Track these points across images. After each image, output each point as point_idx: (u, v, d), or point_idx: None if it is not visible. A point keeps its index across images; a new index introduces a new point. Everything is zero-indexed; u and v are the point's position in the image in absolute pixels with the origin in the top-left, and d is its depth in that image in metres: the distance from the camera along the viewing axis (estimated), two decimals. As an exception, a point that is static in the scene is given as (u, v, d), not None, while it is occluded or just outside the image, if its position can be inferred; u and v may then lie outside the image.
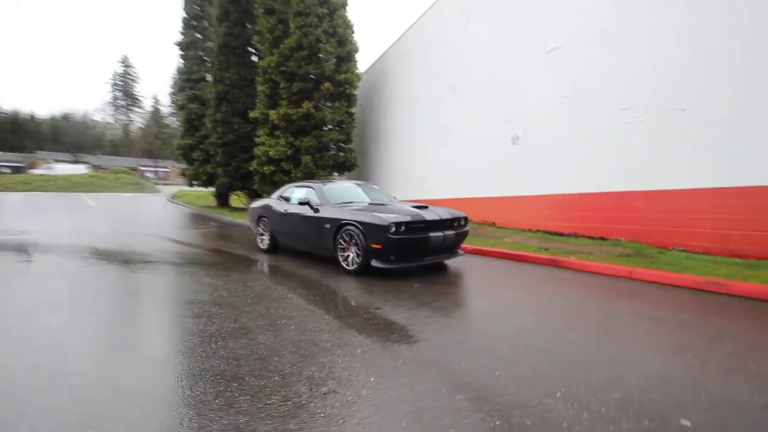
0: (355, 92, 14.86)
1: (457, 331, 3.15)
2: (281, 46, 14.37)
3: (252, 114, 15.10)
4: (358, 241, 5.11)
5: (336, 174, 15.64)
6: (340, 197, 6.28)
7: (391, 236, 4.88)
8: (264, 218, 7.35)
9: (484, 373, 2.39)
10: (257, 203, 7.98)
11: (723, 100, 5.53)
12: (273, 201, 7.32)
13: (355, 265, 5.20)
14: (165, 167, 60.30)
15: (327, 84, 13.93)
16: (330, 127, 14.76)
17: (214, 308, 3.66)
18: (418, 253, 5.15)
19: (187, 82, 19.71)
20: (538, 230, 8.46)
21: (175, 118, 65.94)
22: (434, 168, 12.16)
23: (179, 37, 19.93)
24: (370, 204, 6.05)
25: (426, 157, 12.70)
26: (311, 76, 14.13)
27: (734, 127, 5.44)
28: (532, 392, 2.18)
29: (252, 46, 17.06)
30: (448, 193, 10.97)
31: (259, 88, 14.99)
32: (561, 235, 7.91)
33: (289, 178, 14.35)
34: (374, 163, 16.55)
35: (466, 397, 2.14)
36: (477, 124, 10.33)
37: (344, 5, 14.91)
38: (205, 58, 19.88)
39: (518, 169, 9.08)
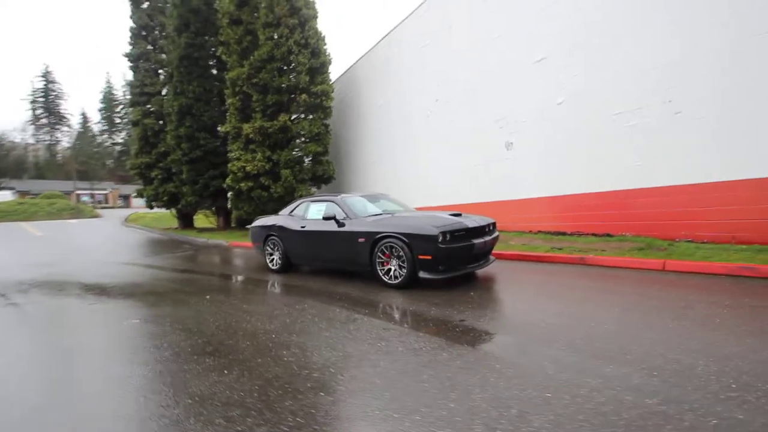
0: (331, 104, 14.65)
1: (572, 334, 3.09)
2: (251, 57, 13.87)
3: (222, 128, 14.35)
4: (403, 253, 4.94)
5: (314, 188, 15.24)
6: (365, 210, 6.07)
7: (440, 246, 4.78)
8: (273, 237, 6.92)
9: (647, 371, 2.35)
10: (261, 222, 7.51)
11: (714, 102, 6.08)
12: (283, 219, 6.92)
13: (399, 278, 5.01)
14: (103, 189, 55.50)
15: (303, 96, 13.62)
16: (306, 139, 14.39)
17: (294, 337, 3.32)
18: (462, 261, 5.08)
19: (140, 96, 18.31)
20: (539, 231, 8.75)
21: (106, 136, 61.05)
22: (422, 176, 12.23)
23: (127, 48, 18.58)
24: (399, 214, 5.91)
25: (412, 166, 12.74)
26: (285, 88, 13.74)
27: (725, 126, 5.99)
28: (701, 387, 2.16)
29: (216, 57, 16.28)
30: (438, 200, 11.05)
31: (229, 101, 14.30)
32: (564, 234, 8.23)
33: (268, 193, 13.78)
34: (350, 173, 16.36)
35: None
36: (467, 131, 10.55)
37: (315, 16, 14.74)
38: (159, 70, 18.63)
39: (513, 173, 9.37)
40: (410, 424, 1.95)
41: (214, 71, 16.84)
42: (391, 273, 5.14)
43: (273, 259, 7.02)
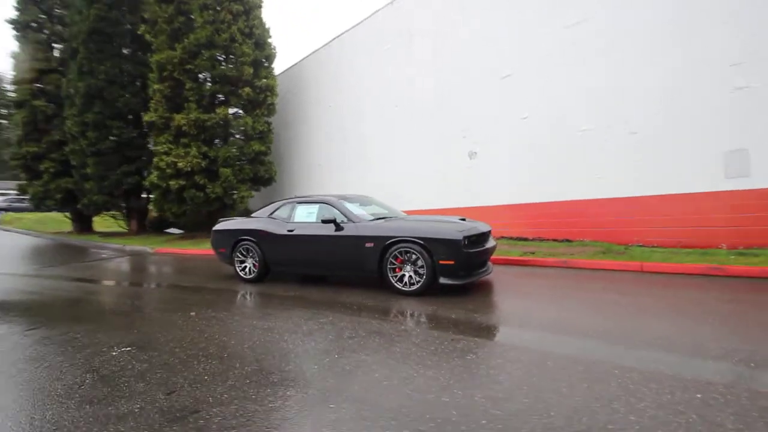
0: (276, 100, 13.72)
1: (627, 333, 3.15)
2: (185, 41, 12.35)
3: (146, 117, 12.43)
4: (421, 259, 4.68)
5: (253, 190, 14.04)
6: (363, 213, 5.66)
7: (464, 250, 4.63)
8: (246, 242, 6.08)
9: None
10: (228, 225, 6.56)
11: (667, 125, 7.00)
12: (262, 222, 6.12)
13: (416, 285, 4.72)
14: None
15: (247, 89, 12.53)
16: (242, 137, 13.19)
17: (363, 356, 2.84)
18: (477, 267, 5.01)
19: (28, 72, 15.01)
20: (502, 237, 9.16)
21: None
22: (378, 181, 12.02)
23: (13, 14, 15.12)
24: (405, 219, 5.63)
25: (366, 170, 12.46)
26: (226, 79, 12.45)
27: (675, 147, 6.95)
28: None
29: (135, 36, 14.09)
30: (398, 206, 10.97)
31: (155, 86, 12.51)
32: (526, 240, 8.74)
33: (204, 194, 12.27)
34: (292, 176, 15.48)
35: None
36: (429, 138, 10.67)
37: (260, 6, 13.76)
38: (55, 44, 15.51)
39: (476, 182, 9.71)
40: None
41: (131, 51, 14.59)
42: (405, 279, 4.84)
43: (245, 266, 6.16)
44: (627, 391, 2.22)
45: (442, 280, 4.65)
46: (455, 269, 4.66)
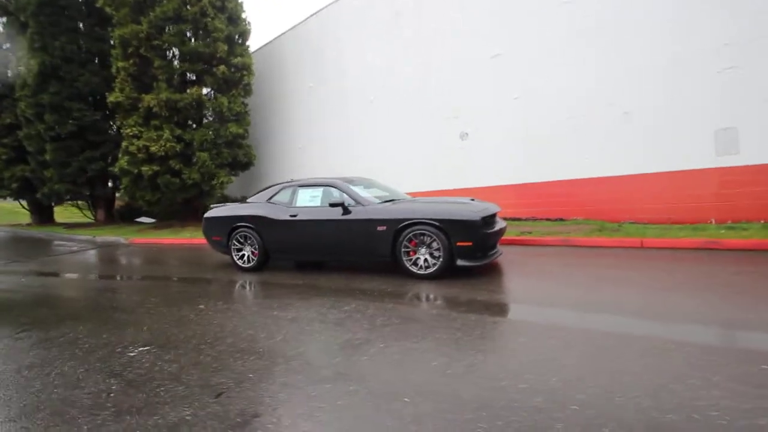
0: (252, 80, 13.04)
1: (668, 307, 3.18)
2: (151, 14, 11.41)
3: (111, 97, 11.48)
4: (438, 241, 4.56)
5: (232, 175, 13.40)
6: (370, 195, 5.45)
7: (482, 231, 4.56)
8: (244, 229, 5.75)
9: None
10: (222, 212, 6.17)
11: (657, 106, 7.15)
12: (260, 207, 5.79)
13: (432, 268, 4.61)
14: None
15: (222, 67, 11.82)
16: (216, 118, 12.47)
17: (446, 348, 2.69)
18: (491, 247, 4.96)
19: (-33, 46, 13.45)
20: (494, 218, 9.22)
21: None
22: (364, 164, 11.73)
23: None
24: (415, 201, 5.49)
25: (350, 153, 12.14)
26: (198, 56, 11.65)
27: (665, 127, 7.12)
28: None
29: (93, 8, 12.85)
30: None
31: (119, 64, 11.56)
32: (520, 220, 8.82)
33: (180, 180, 11.57)
34: (271, 160, 14.89)
35: None
36: (417, 119, 10.47)
37: (231, -23, 12.83)
38: (-2, 17, 13.95)
39: (468, 163, 9.66)
40: None
41: (88, 25, 13.33)
42: (420, 263, 4.72)
43: (243, 255, 5.84)
44: (693, 366, 2.21)
45: (460, 262, 4.56)
46: (473, 250, 4.57)
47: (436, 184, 10.14)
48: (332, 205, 5.11)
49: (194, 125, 12.22)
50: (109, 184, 13.97)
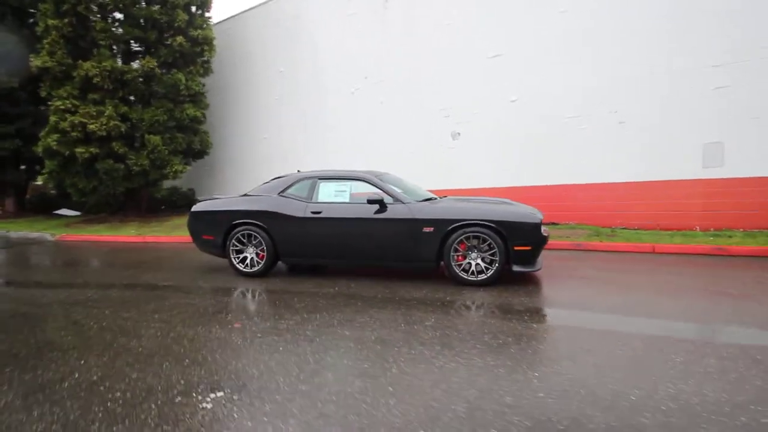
0: (213, 56, 11.61)
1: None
2: (92, -35, 9.53)
3: (37, 61, 9.37)
4: (494, 245, 4.14)
5: (184, 164, 11.80)
6: (407, 192, 4.86)
7: (541, 235, 4.23)
8: (250, 227, 4.82)
9: None
10: (216, 205, 5.15)
11: (652, 115, 7.48)
12: (272, 201, 4.88)
13: (486, 274, 4.18)
14: None
15: (180, 39, 10.33)
16: (170, 98, 10.86)
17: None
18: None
19: None
20: (485, 220, 9.09)
21: None
22: (341, 160, 11.00)
23: None
24: (458, 200, 5.02)
25: (326, 147, 11.30)
26: (152, 23, 10.01)
27: (658, 137, 7.47)
28: None
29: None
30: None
31: (50, 22, 9.55)
32: (511, 222, 8.79)
33: (124, 166, 9.81)
34: (230, 149, 13.44)
35: None
36: (404, 115, 9.99)
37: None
38: None
39: (459, 163, 9.42)
40: None
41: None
42: (472, 268, 4.26)
43: (246, 257, 4.91)
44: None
45: (516, 268, 4.19)
46: (530, 255, 4.23)
47: (426, 183, 9.72)
48: (371, 201, 4.44)
49: (143, 103, 10.48)
50: (22, 167, 11.48)
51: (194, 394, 2.01)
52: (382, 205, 4.46)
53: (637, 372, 2.23)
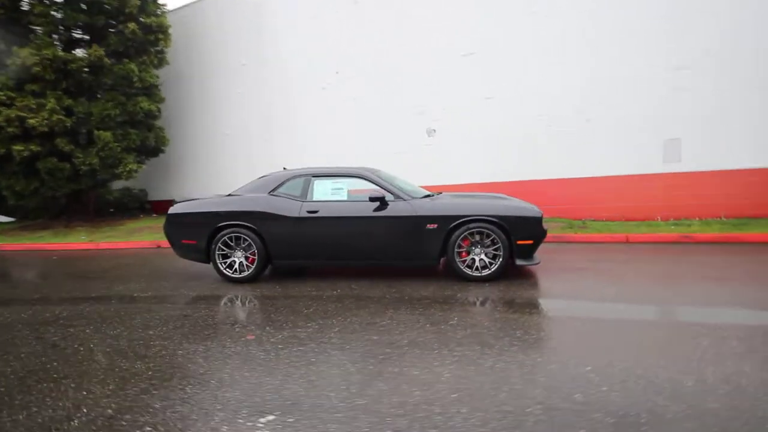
0: (168, 46, 10.79)
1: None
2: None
3: (-41, 46, 8.09)
4: (499, 240, 4.15)
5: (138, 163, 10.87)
6: (406, 188, 4.74)
7: (543, 228, 4.31)
8: (237, 229, 4.48)
9: None
10: (197, 206, 4.73)
11: (617, 114, 7.91)
12: (263, 201, 4.55)
13: (490, 269, 4.18)
14: None
15: (132, 25, 9.47)
16: (122, 90, 9.94)
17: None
18: (536, 246, 4.76)
19: None
20: (461, 216, 9.20)
21: None
22: (310, 158, 10.66)
23: None
24: (456, 195, 5.03)
25: (295, 144, 10.89)
26: (98, 6, 9.07)
27: (623, 134, 7.92)
28: None
29: None
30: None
31: (-27, 0, 8.26)
32: (487, 217, 8.97)
33: (70, 165, 8.83)
34: (187, 146, 12.60)
35: None
36: (377, 112, 9.87)
37: None
38: None
39: (434, 161, 9.44)
40: None
41: None
42: (476, 264, 4.25)
43: (234, 262, 4.56)
44: None
45: (519, 262, 4.23)
46: (532, 249, 4.30)
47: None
48: (372, 199, 4.28)
49: (89, 96, 9.47)
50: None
51: (240, 420, 1.78)
52: (383, 203, 4.32)
53: (675, 358, 2.29)
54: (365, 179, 4.57)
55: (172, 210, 4.79)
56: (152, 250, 7.45)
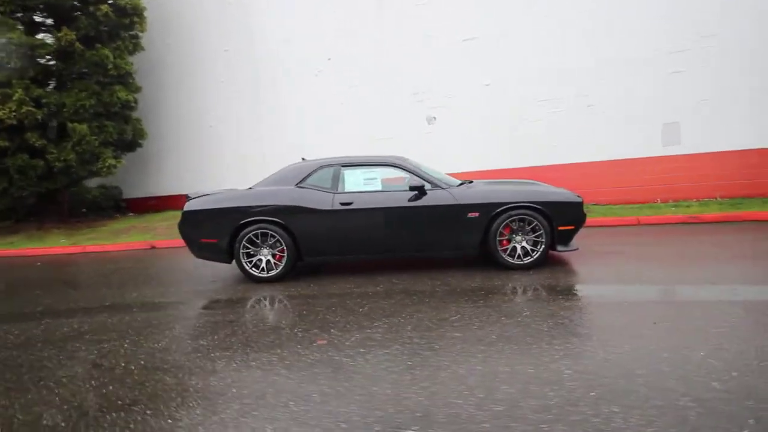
0: (144, 30, 10.01)
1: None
2: None
3: None
4: (539, 226, 4.06)
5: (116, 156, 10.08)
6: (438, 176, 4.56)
7: (583, 213, 4.27)
8: (264, 225, 4.16)
9: None
10: (217, 202, 4.37)
11: (618, 99, 8.01)
12: (290, 194, 4.25)
13: (533, 257, 4.10)
14: None
15: (104, 7, 8.72)
16: (95, 78, 9.13)
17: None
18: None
19: None
20: (463, 204, 9.14)
21: None
22: (303, 149, 10.25)
23: None
24: (491, 182, 4.95)
25: (283, 136, 10.43)
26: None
27: (623, 119, 8.02)
28: None
29: None
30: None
31: None
32: (490, 205, 8.95)
33: (44, 162, 8.03)
34: (165, 139, 11.80)
35: None
36: (375, 100, 9.56)
37: None
38: None
39: (434, 148, 9.27)
40: None
41: None
42: (518, 252, 4.16)
43: (261, 260, 4.25)
44: None
45: (560, 248, 4.19)
46: (572, 235, 4.25)
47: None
48: (413, 188, 4.08)
49: (60, 85, 8.63)
50: None
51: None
52: (422, 192, 4.14)
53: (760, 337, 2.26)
54: (398, 168, 4.36)
55: (188, 207, 4.40)
56: (146, 252, 6.93)
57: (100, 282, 4.83)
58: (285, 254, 4.22)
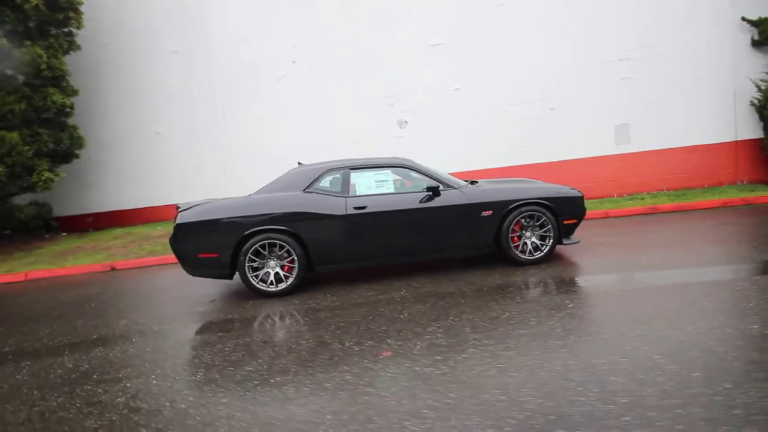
0: (82, 26, 8.98)
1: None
2: None
3: None
4: (547, 222, 4.21)
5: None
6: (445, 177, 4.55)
7: (584, 207, 4.49)
8: (272, 235, 3.86)
9: None
10: (216, 212, 3.96)
11: (576, 103, 8.63)
12: (297, 199, 3.98)
13: (541, 251, 4.23)
14: None
15: (35, 0, 7.55)
16: (24, 80, 7.99)
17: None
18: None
19: None
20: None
21: None
22: (263, 155, 9.79)
23: None
24: (499, 181, 5.07)
25: (242, 143, 9.88)
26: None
27: (581, 121, 8.68)
28: None
29: None
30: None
31: None
32: (463, 206, 9.18)
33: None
34: (107, 149, 10.61)
35: None
36: (344, 104, 9.38)
37: None
38: None
39: (407, 153, 9.29)
40: None
41: None
42: (528, 247, 4.27)
43: (268, 273, 3.93)
44: None
45: (565, 242, 4.38)
46: (574, 228, 4.47)
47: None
48: (429, 189, 4.03)
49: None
50: None
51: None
52: (436, 193, 4.10)
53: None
54: (407, 169, 4.29)
55: (181, 219, 3.94)
56: (108, 274, 6.11)
57: (71, 312, 4.14)
58: (295, 265, 3.95)
